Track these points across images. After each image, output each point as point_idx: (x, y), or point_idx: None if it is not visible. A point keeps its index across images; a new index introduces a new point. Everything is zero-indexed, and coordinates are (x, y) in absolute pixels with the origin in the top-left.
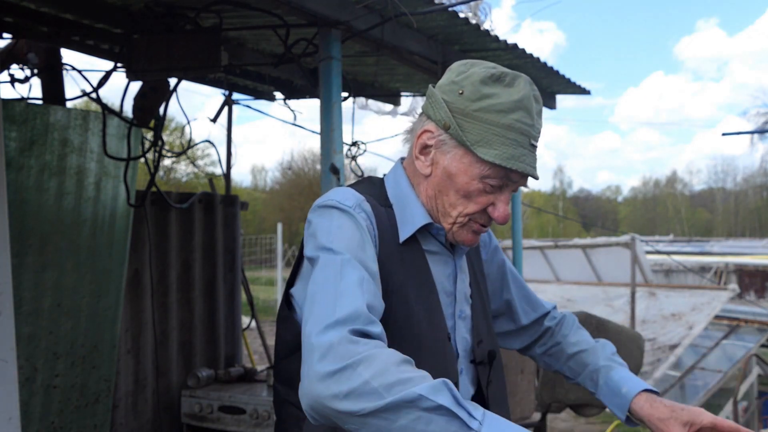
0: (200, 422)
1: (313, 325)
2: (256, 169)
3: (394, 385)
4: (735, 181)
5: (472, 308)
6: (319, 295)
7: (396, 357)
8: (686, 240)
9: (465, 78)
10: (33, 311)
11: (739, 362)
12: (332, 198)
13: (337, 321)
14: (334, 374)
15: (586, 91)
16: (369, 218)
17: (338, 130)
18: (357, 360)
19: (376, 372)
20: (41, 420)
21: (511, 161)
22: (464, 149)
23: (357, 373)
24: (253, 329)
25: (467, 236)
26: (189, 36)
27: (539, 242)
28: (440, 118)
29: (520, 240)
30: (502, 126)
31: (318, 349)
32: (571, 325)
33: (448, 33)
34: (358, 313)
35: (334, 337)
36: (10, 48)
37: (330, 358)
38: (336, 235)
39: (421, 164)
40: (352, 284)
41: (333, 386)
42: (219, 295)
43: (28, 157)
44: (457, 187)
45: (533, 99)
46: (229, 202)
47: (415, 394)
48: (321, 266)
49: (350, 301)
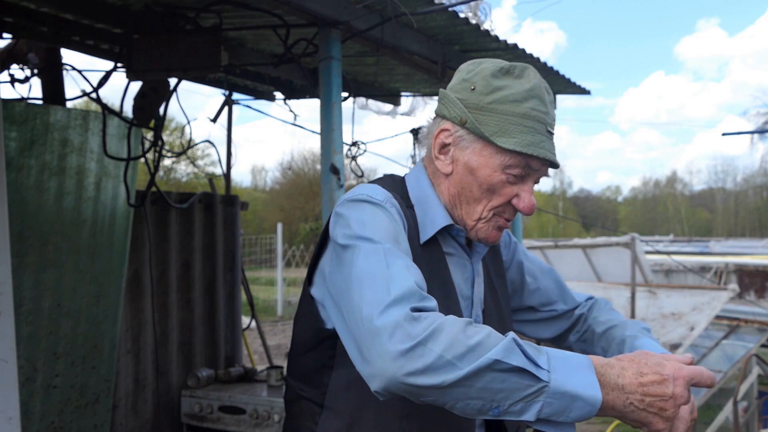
0: (200, 422)
1: (371, 308)
2: (256, 169)
3: (466, 354)
4: (735, 181)
5: (484, 313)
6: (368, 280)
7: (459, 324)
8: (686, 240)
9: (475, 74)
10: (33, 311)
11: (739, 362)
12: (362, 192)
13: (395, 300)
14: (407, 353)
15: (586, 91)
16: (399, 213)
17: (338, 130)
18: (426, 336)
19: (447, 344)
20: (41, 420)
21: (532, 147)
22: (483, 142)
23: (428, 349)
24: (253, 329)
25: (491, 233)
26: (189, 36)
27: (539, 242)
28: (456, 115)
29: (520, 240)
30: (518, 115)
31: (385, 330)
32: (602, 307)
33: (448, 33)
34: (412, 291)
35: (398, 315)
36: (10, 48)
37: (399, 337)
38: (372, 226)
39: (441, 164)
40: (401, 268)
41: (407, 364)
42: (219, 295)
43: (28, 157)
44: (480, 180)
45: (544, 89)
46: (229, 202)
47: (490, 360)
48: (364, 254)
49: (402, 281)
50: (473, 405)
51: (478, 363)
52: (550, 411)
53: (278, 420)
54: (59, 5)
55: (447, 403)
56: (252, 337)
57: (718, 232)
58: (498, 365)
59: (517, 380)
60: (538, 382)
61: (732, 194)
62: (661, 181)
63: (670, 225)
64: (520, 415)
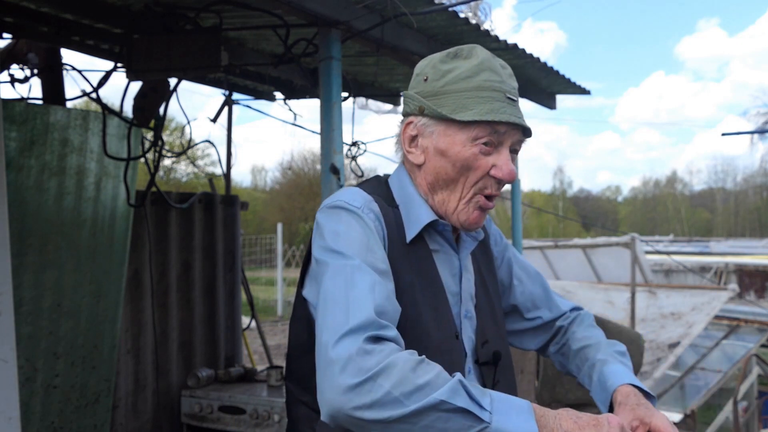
0: (200, 422)
1: (329, 336)
2: (256, 169)
3: (414, 392)
4: (735, 181)
5: (476, 308)
6: (331, 303)
7: (411, 362)
8: (686, 240)
9: (425, 66)
10: (33, 311)
11: (739, 362)
12: (340, 198)
13: (351, 330)
14: (356, 387)
15: (586, 91)
16: (377, 219)
17: (338, 130)
18: (377, 371)
19: (396, 381)
20: (41, 420)
21: (491, 114)
22: (445, 122)
23: (378, 385)
24: (253, 329)
25: (473, 214)
26: (189, 36)
27: (539, 242)
28: (415, 107)
29: (520, 240)
30: (471, 89)
31: (337, 362)
32: (581, 322)
33: (448, 33)
34: (370, 321)
35: (351, 347)
36: (10, 48)
37: (350, 371)
38: (344, 238)
39: (413, 156)
40: (364, 291)
41: (356, 399)
42: (219, 295)
43: (28, 157)
44: (453, 159)
45: (496, 62)
46: (229, 202)
47: (436, 400)
48: (331, 273)
49: (362, 308)
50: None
51: (424, 402)
52: None
53: (278, 420)
54: (59, 5)
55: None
56: (252, 337)
57: (718, 232)
58: (443, 405)
59: (461, 420)
60: (480, 423)
61: (732, 194)
62: (661, 181)
63: (670, 225)
64: None
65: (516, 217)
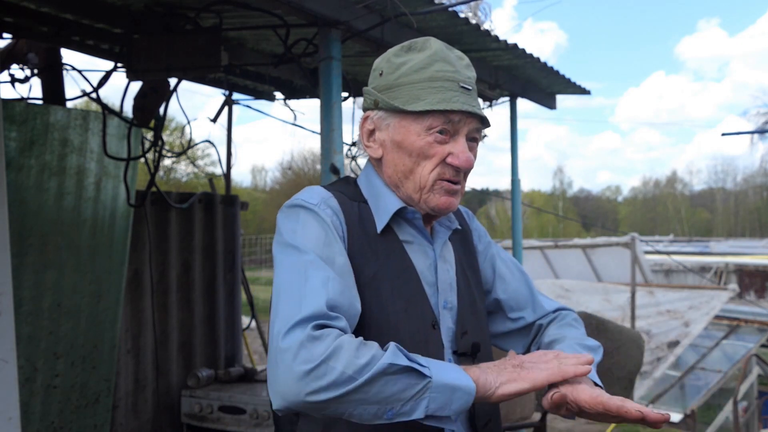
0: (200, 422)
1: (281, 326)
2: (256, 169)
3: (364, 366)
4: (735, 181)
5: (458, 298)
6: (285, 295)
7: (355, 342)
8: (686, 240)
9: (381, 61)
10: (33, 311)
11: (739, 362)
12: (298, 197)
13: (301, 320)
14: (311, 372)
15: (586, 91)
16: (335, 214)
17: (338, 130)
18: (328, 355)
19: (347, 362)
20: (41, 420)
21: (443, 103)
22: (400, 114)
23: (331, 367)
24: (253, 329)
25: (441, 199)
26: (189, 36)
27: (539, 242)
28: (371, 102)
29: (520, 240)
30: (424, 80)
31: (288, 350)
32: (560, 321)
33: (448, 33)
34: (320, 312)
35: (301, 335)
36: (10, 48)
37: (302, 358)
38: (301, 234)
39: (372, 150)
40: (317, 285)
41: (312, 383)
42: (219, 295)
43: (28, 157)
44: (409, 150)
45: (450, 53)
46: (229, 202)
47: (384, 365)
48: (286, 267)
49: (314, 300)
50: (369, 410)
51: (374, 370)
52: (435, 406)
53: None
54: (59, 5)
55: (346, 412)
56: (252, 337)
57: (718, 232)
58: (390, 368)
59: (406, 380)
60: (423, 379)
61: (732, 194)
62: (661, 181)
63: (670, 225)
64: (410, 414)
65: (516, 217)
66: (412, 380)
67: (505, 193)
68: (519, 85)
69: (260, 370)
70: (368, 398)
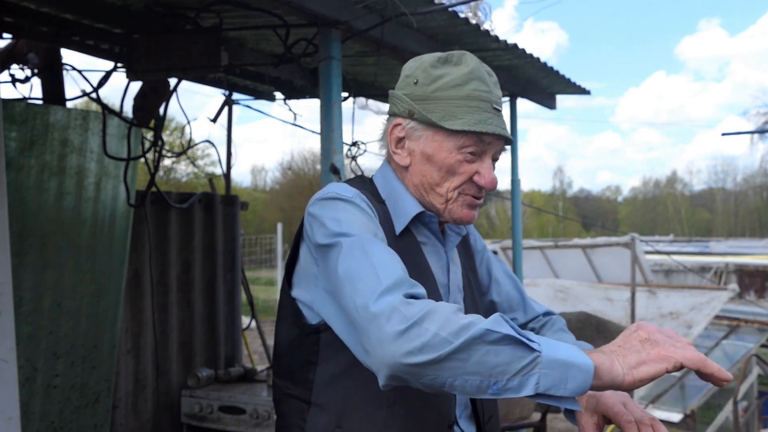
0: (200, 422)
1: (365, 298)
2: (256, 169)
3: (460, 330)
4: (735, 181)
5: (465, 300)
6: (357, 273)
7: (451, 307)
8: (686, 240)
9: (416, 69)
10: (33, 311)
11: (739, 362)
12: (331, 191)
13: (388, 288)
14: (404, 333)
15: (586, 91)
16: (370, 208)
17: (338, 130)
18: (421, 317)
19: (441, 323)
20: (41, 420)
21: (480, 125)
22: (434, 128)
23: (424, 328)
24: (253, 329)
25: (463, 211)
26: (189, 36)
27: (539, 242)
28: (404, 109)
29: (520, 240)
30: (461, 98)
31: (382, 315)
32: (551, 326)
33: (448, 33)
34: (402, 279)
35: (393, 300)
36: (10, 48)
37: (396, 320)
38: (347, 221)
39: (399, 157)
40: (385, 256)
41: (405, 344)
42: (219, 295)
43: (28, 157)
44: (438, 165)
45: (484, 71)
46: (229, 202)
47: (482, 329)
48: (346, 251)
49: (391, 270)
50: (471, 382)
51: (470, 334)
52: (548, 383)
53: None
54: (59, 5)
55: (446, 382)
56: (252, 337)
57: (718, 232)
58: (490, 335)
59: (511, 352)
60: (531, 353)
61: (732, 194)
62: (661, 181)
63: (670, 225)
64: (518, 390)
65: (516, 217)
66: (518, 352)
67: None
68: (519, 85)
69: (260, 370)
70: (467, 367)
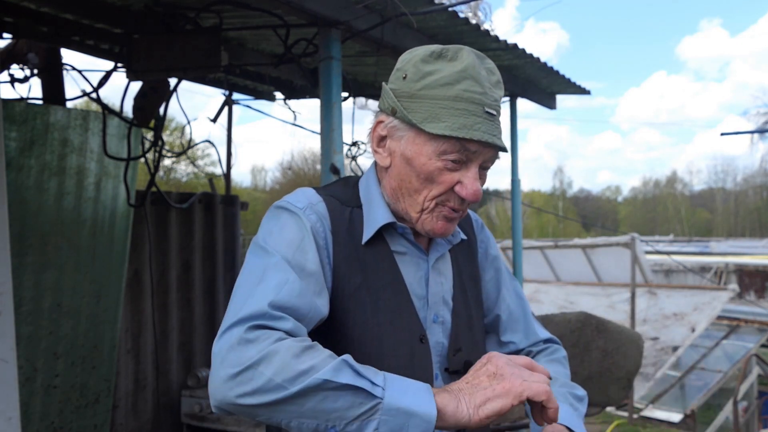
0: (200, 422)
1: (223, 324)
2: (256, 169)
3: (297, 376)
4: (735, 181)
5: (453, 313)
6: (235, 296)
7: (295, 348)
8: (686, 240)
9: (407, 62)
10: (33, 311)
11: (739, 362)
12: (286, 199)
13: (241, 319)
14: (236, 376)
15: (586, 91)
16: (320, 220)
17: (338, 130)
18: (258, 360)
19: (278, 368)
20: (41, 420)
21: (463, 131)
22: (415, 130)
23: (259, 373)
24: None
25: (437, 224)
26: (189, 36)
27: (539, 242)
28: (388, 106)
29: (520, 240)
30: (449, 98)
31: (219, 353)
32: (550, 355)
33: (448, 33)
34: (260, 312)
35: (233, 338)
36: (10, 48)
37: (229, 362)
38: (276, 236)
39: (380, 157)
40: (269, 287)
41: (237, 388)
42: (219, 295)
43: (28, 157)
44: (417, 170)
45: (482, 68)
46: (229, 202)
47: (319, 380)
48: (248, 267)
49: (257, 301)
50: (308, 425)
51: (306, 383)
52: (387, 430)
53: None
54: (59, 5)
55: (281, 421)
56: None
57: (718, 232)
58: (327, 384)
59: (351, 398)
60: (372, 399)
61: (732, 194)
62: (661, 181)
63: (670, 225)
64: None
65: (516, 217)
66: (358, 399)
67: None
68: (519, 85)
69: None
70: (303, 411)
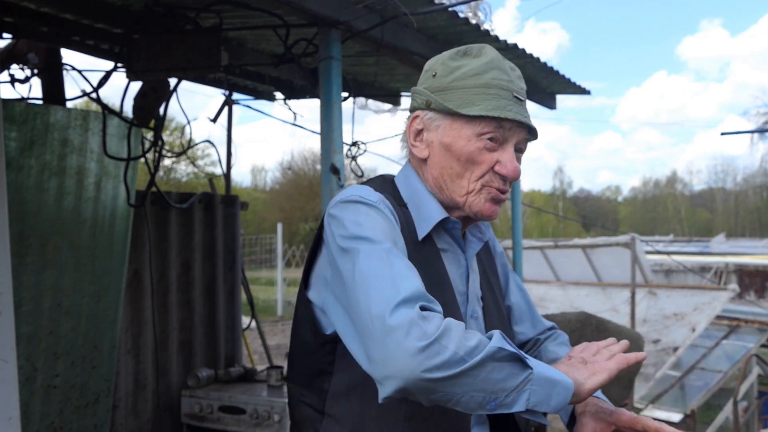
0: (200, 422)
1: (381, 307)
2: (256, 169)
3: (473, 348)
4: (735, 181)
5: (483, 309)
6: (373, 280)
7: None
8: (686, 240)
9: (435, 63)
10: (33, 311)
11: (739, 362)
12: (355, 193)
13: (405, 300)
14: (425, 349)
15: (586, 91)
16: (393, 214)
17: (338, 130)
18: (440, 334)
19: (457, 343)
20: (41, 420)
21: (498, 110)
22: (452, 117)
23: (443, 346)
24: (253, 329)
25: (485, 205)
26: (189, 36)
27: (539, 242)
28: (422, 102)
29: (520, 240)
30: (480, 86)
31: (400, 328)
32: (555, 339)
33: (448, 33)
34: (420, 292)
35: (410, 313)
36: (10, 48)
37: (415, 334)
38: (369, 226)
39: (418, 150)
40: (404, 269)
41: (426, 361)
42: (219, 295)
43: (28, 157)
44: (457, 154)
45: (505, 63)
46: (229, 202)
47: (494, 348)
48: (364, 255)
49: (409, 282)
50: (476, 398)
51: (484, 352)
52: (536, 399)
53: (278, 420)
54: (59, 5)
55: (455, 397)
56: (252, 337)
57: (718, 232)
58: (499, 353)
59: (510, 369)
60: (526, 369)
61: (732, 194)
62: (661, 181)
63: (670, 225)
64: (511, 406)
65: (516, 217)
66: (516, 369)
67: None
68: None
69: (260, 370)
70: (476, 383)
